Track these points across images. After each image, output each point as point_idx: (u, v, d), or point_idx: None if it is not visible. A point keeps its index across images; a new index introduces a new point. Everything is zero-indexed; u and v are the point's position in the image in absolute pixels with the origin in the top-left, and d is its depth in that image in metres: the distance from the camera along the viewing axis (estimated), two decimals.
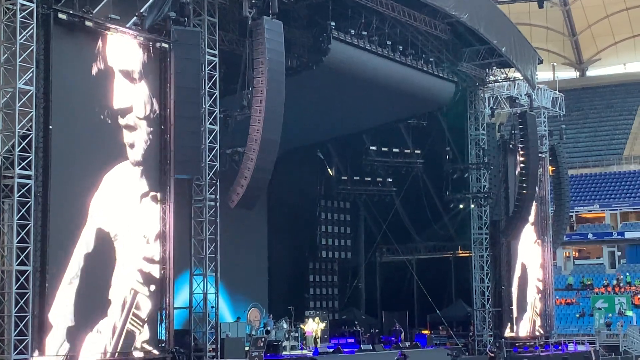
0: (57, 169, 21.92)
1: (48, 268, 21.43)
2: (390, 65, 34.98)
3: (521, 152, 40.27)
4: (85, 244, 22.58)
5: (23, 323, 20.62)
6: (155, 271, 24.61)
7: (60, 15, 22.15)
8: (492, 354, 37.25)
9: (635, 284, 56.91)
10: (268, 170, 26.77)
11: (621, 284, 57.03)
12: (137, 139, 24.42)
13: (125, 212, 23.89)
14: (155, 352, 24.17)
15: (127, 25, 24.16)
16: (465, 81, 40.14)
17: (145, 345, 24.05)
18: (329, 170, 43.82)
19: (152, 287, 24.43)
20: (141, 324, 23.98)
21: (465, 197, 40.67)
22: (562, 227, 46.77)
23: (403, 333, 38.21)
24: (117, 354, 23.10)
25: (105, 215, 23.17)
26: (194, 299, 26.36)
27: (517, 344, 40.09)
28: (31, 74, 21.16)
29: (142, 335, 24.01)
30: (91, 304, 22.62)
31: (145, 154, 24.63)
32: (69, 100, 22.54)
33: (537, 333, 42.67)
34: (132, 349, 23.67)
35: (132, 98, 24.39)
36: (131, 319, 23.70)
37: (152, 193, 24.76)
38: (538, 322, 43.14)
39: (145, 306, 24.22)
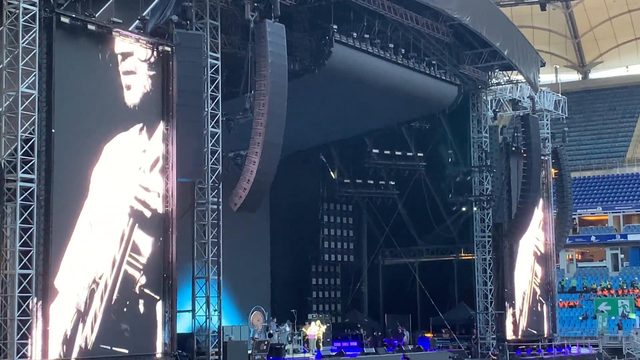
0: (60, 167, 21.96)
1: (50, 271, 21.44)
2: (392, 68, 34.97)
3: (524, 155, 40.24)
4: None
5: (26, 327, 20.63)
6: (151, 200, 24.52)
7: (63, 19, 22.20)
8: (495, 357, 37.23)
9: (639, 286, 56.80)
10: (271, 174, 26.79)
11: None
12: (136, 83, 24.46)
13: (126, 173, 24.03)
14: (156, 296, 24.30)
15: (130, 29, 24.18)
16: (467, 84, 40.11)
17: (147, 291, 24.08)
18: (331, 173, 43.79)
19: (149, 214, 24.38)
20: (141, 267, 23.98)
21: (467, 199, 40.67)
22: (565, 230, 46.71)
23: (406, 336, 38.20)
24: (117, 287, 23.18)
25: (106, 185, 23.38)
26: (196, 302, 26.39)
27: (520, 347, 40.00)
28: (34, 78, 21.19)
29: (141, 279, 24.01)
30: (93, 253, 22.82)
31: (144, 98, 24.53)
32: (71, 100, 22.61)
33: (537, 333, 42.52)
34: (133, 291, 23.72)
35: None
36: (130, 261, 23.67)
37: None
38: (540, 324, 43.04)
39: (145, 249, 24.19)
